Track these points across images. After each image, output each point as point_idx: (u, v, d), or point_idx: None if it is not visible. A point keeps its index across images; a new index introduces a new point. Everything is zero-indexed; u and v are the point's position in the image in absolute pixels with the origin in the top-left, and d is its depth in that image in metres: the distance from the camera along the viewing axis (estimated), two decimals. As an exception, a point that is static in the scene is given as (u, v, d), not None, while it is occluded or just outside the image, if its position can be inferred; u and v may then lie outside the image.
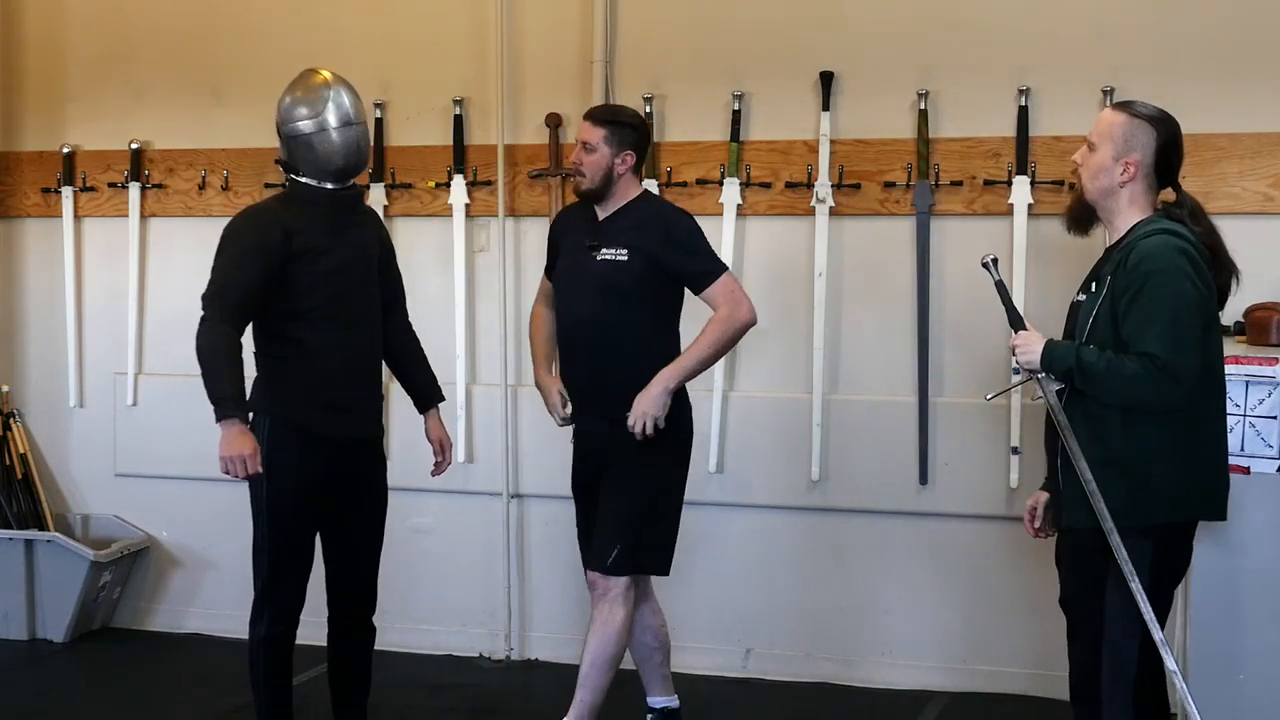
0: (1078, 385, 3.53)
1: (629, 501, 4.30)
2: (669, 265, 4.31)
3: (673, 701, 4.61)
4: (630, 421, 4.23)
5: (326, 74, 4.20)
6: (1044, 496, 3.79)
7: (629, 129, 4.36)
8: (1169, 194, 3.66)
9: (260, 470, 4.00)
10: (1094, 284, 3.60)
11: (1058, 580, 3.73)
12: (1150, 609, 3.45)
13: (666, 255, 4.30)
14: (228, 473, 4.03)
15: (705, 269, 4.33)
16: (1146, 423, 3.48)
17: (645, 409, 4.22)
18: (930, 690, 5.13)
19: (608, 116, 4.39)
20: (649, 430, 4.22)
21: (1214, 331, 3.55)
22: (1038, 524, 3.81)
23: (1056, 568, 3.76)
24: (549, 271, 4.59)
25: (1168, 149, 3.60)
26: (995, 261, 3.79)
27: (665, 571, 4.40)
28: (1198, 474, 3.54)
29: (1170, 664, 3.49)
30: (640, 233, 4.32)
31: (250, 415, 4.09)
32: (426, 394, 4.49)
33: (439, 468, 4.51)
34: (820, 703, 4.60)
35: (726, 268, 4.37)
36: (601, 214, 4.39)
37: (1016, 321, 3.72)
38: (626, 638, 4.37)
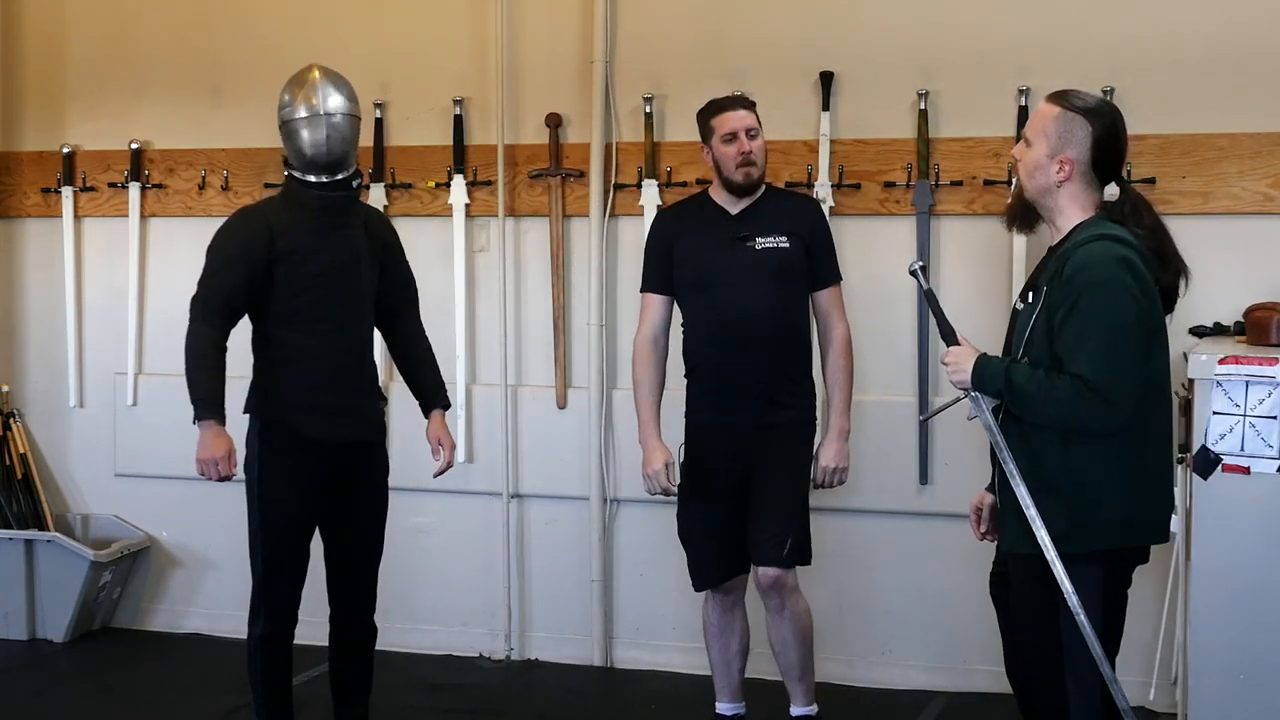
0: (1008, 407, 3.37)
1: (791, 494, 4.36)
2: (812, 254, 4.39)
3: (740, 709, 4.58)
4: (821, 480, 4.38)
5: (317, 69, 4.21)
6: (989, 499, 3.63)
7: None
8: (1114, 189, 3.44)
9: (234, 472, 4.03)
10: (1031, 293, 3.42)
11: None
12: (1099, 645, 3.28)
13: (814, 244, 4.40)
14: (204, 474, 4.08)
15: (833, 269, 4.47)
16: (1085, 443, 3.29)
17: (838, 464, 4.40)
18: (930, 690, 5.13)
19: (753, 102, 4.46)
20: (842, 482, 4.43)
21: (1159, 344, 3.34)
22: (984, 527, 3.68)
23: (990, 593, 3.67)
24: (657, 286, 4.45)
25: (1105, 143, 3.35)
26: (924, 269, 3.69)
27: (809, 560, 4.46)
28: (1142, 495, 3.33)
29: (1122, 702, 3.31)
30: (793, 220, 4.39)
31: (246, 416, 4.16)
32: (433, 397, 4.46)
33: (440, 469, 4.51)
34: (820, 702, 4.59)
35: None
36: (736, 206, 4.40)
37: (948, 335, 3.53)
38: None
